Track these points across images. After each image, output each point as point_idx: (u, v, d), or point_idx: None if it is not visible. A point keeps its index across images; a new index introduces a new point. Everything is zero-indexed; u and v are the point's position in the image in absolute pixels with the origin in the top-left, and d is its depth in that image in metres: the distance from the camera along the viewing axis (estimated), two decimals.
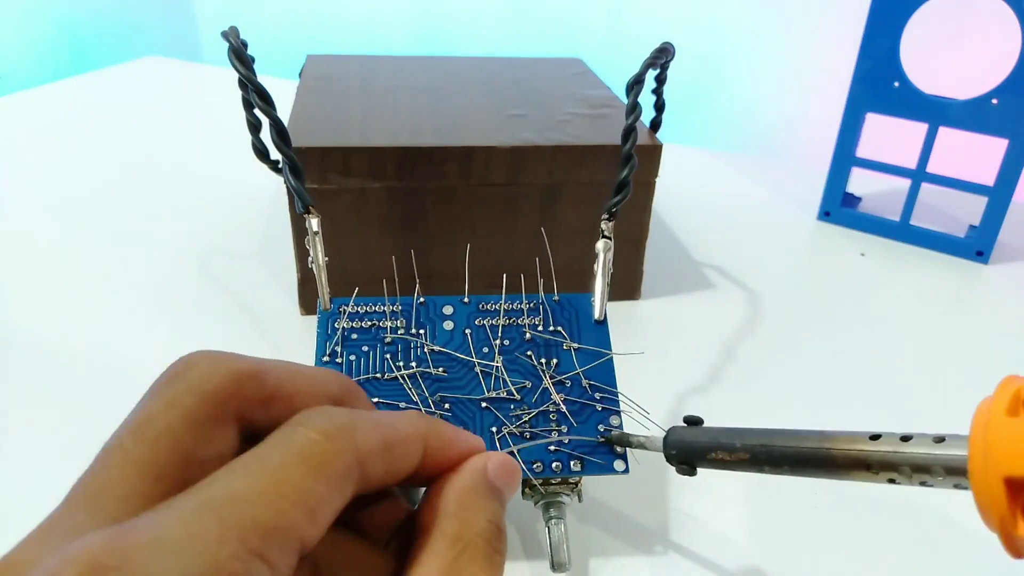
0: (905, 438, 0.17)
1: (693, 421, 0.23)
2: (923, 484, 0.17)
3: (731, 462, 0.21)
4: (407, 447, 0.17)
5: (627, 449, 0.26)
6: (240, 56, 0.31)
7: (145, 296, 0.44)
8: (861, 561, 0.29)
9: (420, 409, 0.26)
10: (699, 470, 0.22)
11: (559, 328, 0.28)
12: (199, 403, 0.15)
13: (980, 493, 0.15)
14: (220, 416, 0.15)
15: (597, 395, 0.27)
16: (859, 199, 0.59)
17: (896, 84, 0.51)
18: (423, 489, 0.18)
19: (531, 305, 0.28)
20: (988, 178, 0.50)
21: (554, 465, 0.25)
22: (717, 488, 0.32)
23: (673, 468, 0.23)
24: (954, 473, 0.16)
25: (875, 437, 0.18)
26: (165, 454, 0.15)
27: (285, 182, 0.31)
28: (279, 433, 0.15)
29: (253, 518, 0.13)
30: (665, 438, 0.23)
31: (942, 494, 0.30)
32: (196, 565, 0.12)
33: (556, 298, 0.29)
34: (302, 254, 0.40)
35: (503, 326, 0.28)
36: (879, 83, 0.51)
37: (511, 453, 0.25)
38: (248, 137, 0.37)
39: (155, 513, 0.13)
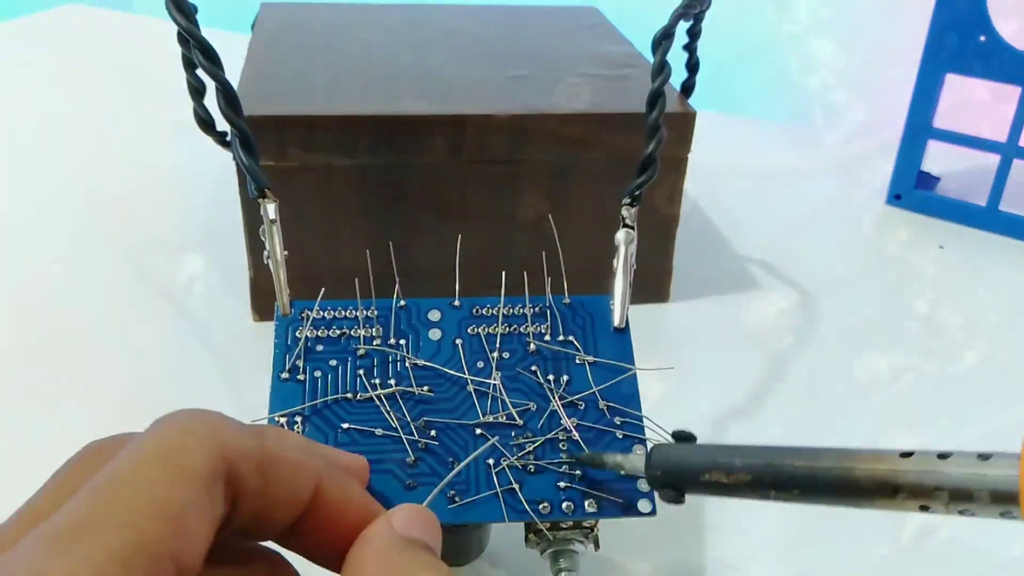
0: (943, 455, 0.17)
1: (684, 437, 0.23)
2: (962, 513, 0.17)
3: (729, 485, 0.20)
4: (292, 470, 0.17)
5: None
6: (179, 5, 0.31)
7: (55, 295, 0.44)
8: None
9: (402, 437, 0.26)
10: (699, 498, 0.22)
11: (570, 337, 0.28)
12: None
13: None
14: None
15: (617, 419, 0.27)
16: (937, 179, 0.59)
17: (982, 38, 0.51)
18: None
19: (536, 309, 0.28)
20: None
21: (564, 505, 0.25)
22: (760, 531, 0.32)
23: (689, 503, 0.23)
24: (1001, 500, 0.16)
25: (907, 455, 0.18)
26: None
27: (235, 159, 0.31)
28: (132, 441, 0.15)
29: (105, 546, 0.13)
30: (648, 457, 0.23)
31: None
32: None
33: (567, 301, 0.29)
34: (256, 247, 0.40)
35: (502, 335, 0.28)
36: (961, 37, 0.51)
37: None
38: (189, 103, 0.37)
39: (3, 558, 0.13)
